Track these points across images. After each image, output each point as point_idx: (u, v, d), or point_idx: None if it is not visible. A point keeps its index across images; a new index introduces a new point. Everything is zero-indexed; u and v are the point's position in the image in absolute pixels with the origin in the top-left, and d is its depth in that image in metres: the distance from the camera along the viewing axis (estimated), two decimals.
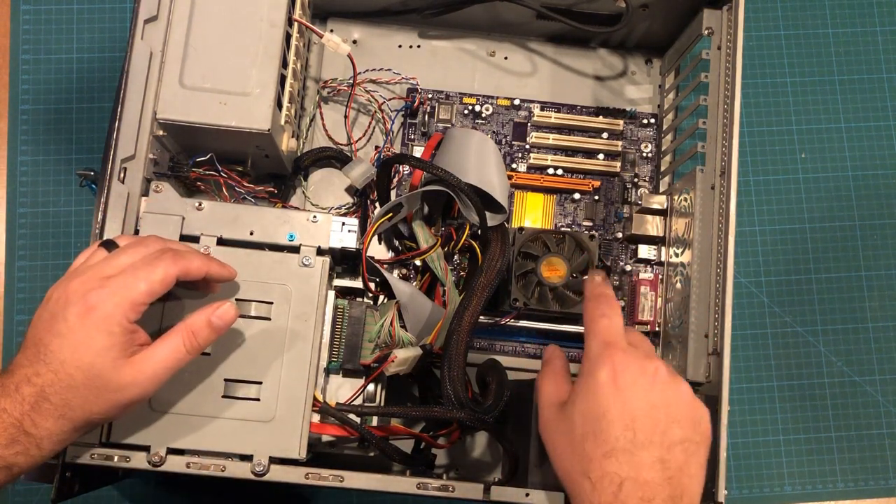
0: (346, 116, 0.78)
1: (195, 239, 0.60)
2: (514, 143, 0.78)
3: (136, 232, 0.60)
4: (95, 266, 0.51)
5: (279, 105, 0.64)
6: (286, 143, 0.68)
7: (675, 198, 0.71)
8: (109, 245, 0.54)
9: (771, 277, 0.83)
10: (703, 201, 0.66)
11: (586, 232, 0.72)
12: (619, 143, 0.77)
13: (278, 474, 0.57)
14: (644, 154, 0.78)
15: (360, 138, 0.78)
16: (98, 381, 0.49)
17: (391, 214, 0.68)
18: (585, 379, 0.50)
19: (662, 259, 0.74)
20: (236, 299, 0.58)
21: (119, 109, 0.62)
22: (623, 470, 0.46)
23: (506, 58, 0.80)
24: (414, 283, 0.70)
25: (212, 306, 0.53)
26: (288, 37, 0.66)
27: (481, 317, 0.65)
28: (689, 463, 0.48)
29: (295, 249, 0.61)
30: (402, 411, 0.64)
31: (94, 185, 0.66)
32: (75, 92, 0.84)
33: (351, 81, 0.76)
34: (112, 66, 0.84)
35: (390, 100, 0.78)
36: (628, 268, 0.75)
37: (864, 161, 0.86)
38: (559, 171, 0.77)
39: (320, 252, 0.61)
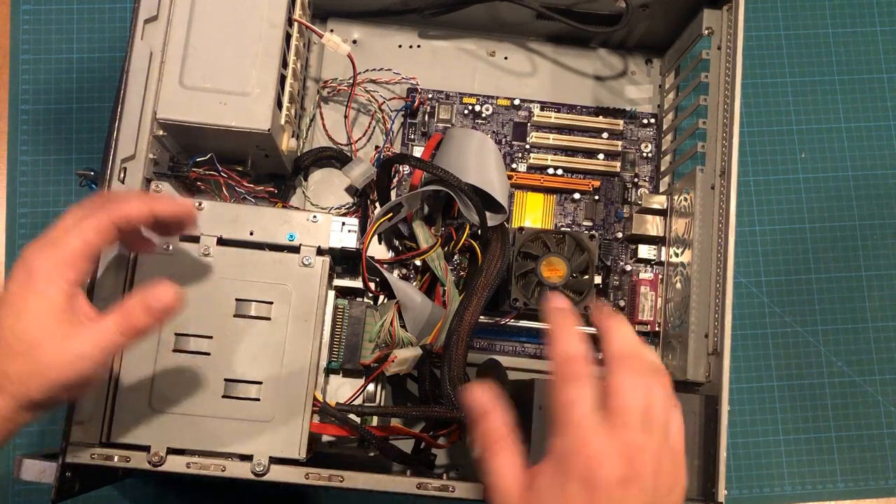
0: (346, 116, 0.78)
1: (195, 239, 0.60)
2: (514, 143, 0.78)
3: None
4: (46, 234, 0.49)
5: (279, 105, 0.64)
6: (286, 143, 0.68)
7: (675, 198, 0.71)
8: None
9: (771, 277, 0.83)
10: (703, 201, 0.66)
11: (586, 232, 0.72)
12: (619, 143, 0.77)
13: (278, 474, 0.57)
14: (644, 154, 0.78)
15: (360, 138, 0.78)
16: (33, 352, 0.46)
17: (391, 214, 0.68)
18: (555, 487, 0.41)
19: (662, 259, 0.74)
20: (236, 299, 0.58)
21: (119, 109, 0.61)
22: None
23: (506, 58, 0.80)
24: (414, 283, 0.70)
25: (151, 288, 0.49)
26: (288, 37, 0.66)
27: (481, 317, 0.65)
28: None
29: (295, 249, 0.61)
30: (402, 411, 0.64)
31: (94, 185, 0.66)
32: (75, 92, 0.84)
33: (351, 81, 0.76)
34: (112, 66, 0.84)
35: (390, 100, 0.78)
36: (628, 268, 0.75)
37: (864, 161, 0.86)
38: (559, 171, 0.77)
39: (320, 252, 0.61)
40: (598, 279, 0.71)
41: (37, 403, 0.48)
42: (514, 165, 0.77)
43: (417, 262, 0.71)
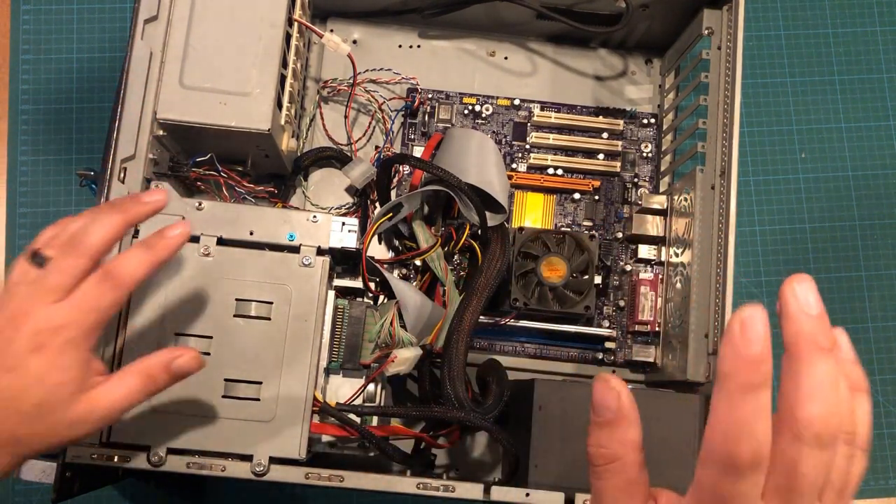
0: (346, 116, 0.78)
1: (195, 239, 0.60)
2: (514, 143, 0.78)
3: (137, 233, 0.60)
4: (29, 290, 0.47)
5: (279, 105, 0.64)
6: (286, 143, 0.68)
7: (675, 198, 0.71)
8: (37, 258, 0.48)
9: (771, 277, 0.83)
10: (703, 201, 0.66)
11: (586, 232, 0.72)
12: (619, 143, 0.77)
13: (278, 474, 0.57)
14: (644, 154, 0.78)
15: (360, 138, 0.78)
16: (50, 417, 0.46)
17: (391, 214, 0.68)
18: None
19: (662, 259, 0.74)
20: (236, 299, 0.58)
21: (119, 109, 0.61)
22: None
23: (506, 58, 0.80)
24: (414, 283, 0.70)
25: (173, 351, 0.50)
26: (288, 37, 0.66)
27: (481, 317, 0.65)
28: None
29: (295, 249, 0.61)
30: (402, 411, 0.64)
31: (94, 185, 0.66)
32: (75, 92, 0.84)
33: (351, 81, 0.76)
34: (112, 66, 0.84)
35: (390, 100, 0.78)
36: (628, 268, 0.75)
37: (864, 161, 0.86)
38: (559, 171, 0.77)
39: (320, 252, 0.61)
40: (598, 279, 0.71)
41: (30, 458, 0.49)
42: (514, 165, 0.77)
43: (417, 262, 0.71)
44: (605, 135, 0.78)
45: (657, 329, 0.72)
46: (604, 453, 0.34)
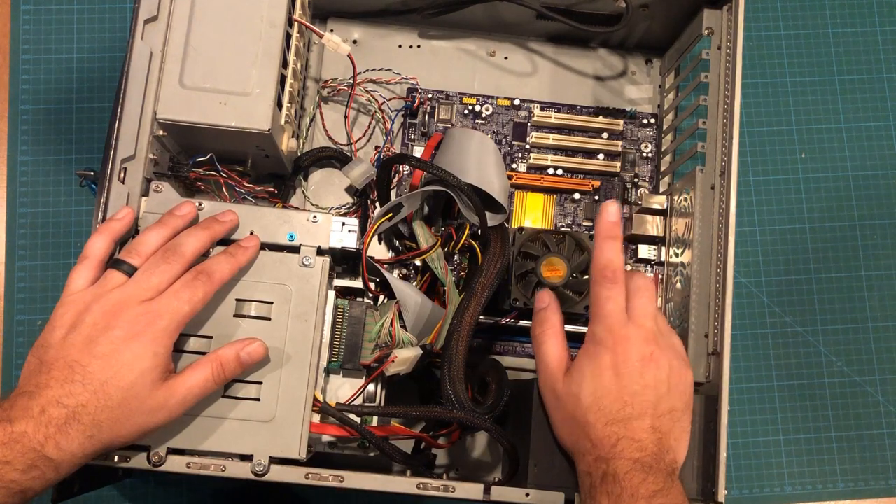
0: (346, 116, 0.78)
1: None
2: (514, 143, 0.78)
3: (136, 231, 0.60)
4: (125, 289, 0.53)
5: (279, 105, 0.64)
6: (286, 143, 0.68)
7: (675, 198, 0.71)
8: (121, 265, 0.54)
9: (771, 277, 0.83)
10: (703, 201, 0.66)
11: (586, 232, 0.72)
12: (619, 143, 0.77)
13: (278, 474, 0.57)
14: (644, 154, 0.78)
15: (360, 138, 0.78)
16: (134, 402, 0.50)
17: (391, 214, 0.68)
18: (591, 361, 0.55)
19: (662, 259, 0.74)
20: (236, 299, 0.58)
21: (119, 109, 0.62)
22: (620, 432, 0.53)
23: (506, 58, 0.80)
24: (414, 283, 0.70)
25: (242, 342, 0.55)
26: (288, 37, 0.66)
27: (481, 317, 0.65)
28: (674, 428, 0.55)
29: (295, 249, 0.61)
30: (402, 411, 0.64)
31: (94, 185, 0.66)
32: (75, 92, 0.84)
33: (351, 81, 0.76)
34: (112, 66, 0.84)
35: (390, 100, 0.78)
36: (628, 268, 0.75)
37: (864, 161, 0.86)
38: (559, 171, 0.77)
39: (320, 252, 0.61)
40: None
41: (112, 448, 0.52)
42: (514, 165, 0.77)
43: (417, 262, 0.71)
44: (605, 135, 0.78)
45: None
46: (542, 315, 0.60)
